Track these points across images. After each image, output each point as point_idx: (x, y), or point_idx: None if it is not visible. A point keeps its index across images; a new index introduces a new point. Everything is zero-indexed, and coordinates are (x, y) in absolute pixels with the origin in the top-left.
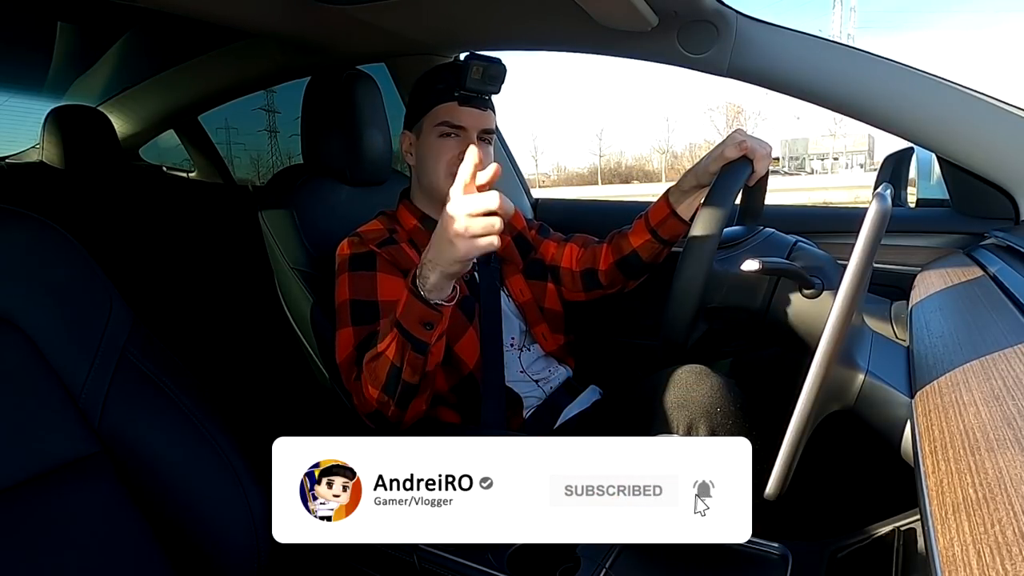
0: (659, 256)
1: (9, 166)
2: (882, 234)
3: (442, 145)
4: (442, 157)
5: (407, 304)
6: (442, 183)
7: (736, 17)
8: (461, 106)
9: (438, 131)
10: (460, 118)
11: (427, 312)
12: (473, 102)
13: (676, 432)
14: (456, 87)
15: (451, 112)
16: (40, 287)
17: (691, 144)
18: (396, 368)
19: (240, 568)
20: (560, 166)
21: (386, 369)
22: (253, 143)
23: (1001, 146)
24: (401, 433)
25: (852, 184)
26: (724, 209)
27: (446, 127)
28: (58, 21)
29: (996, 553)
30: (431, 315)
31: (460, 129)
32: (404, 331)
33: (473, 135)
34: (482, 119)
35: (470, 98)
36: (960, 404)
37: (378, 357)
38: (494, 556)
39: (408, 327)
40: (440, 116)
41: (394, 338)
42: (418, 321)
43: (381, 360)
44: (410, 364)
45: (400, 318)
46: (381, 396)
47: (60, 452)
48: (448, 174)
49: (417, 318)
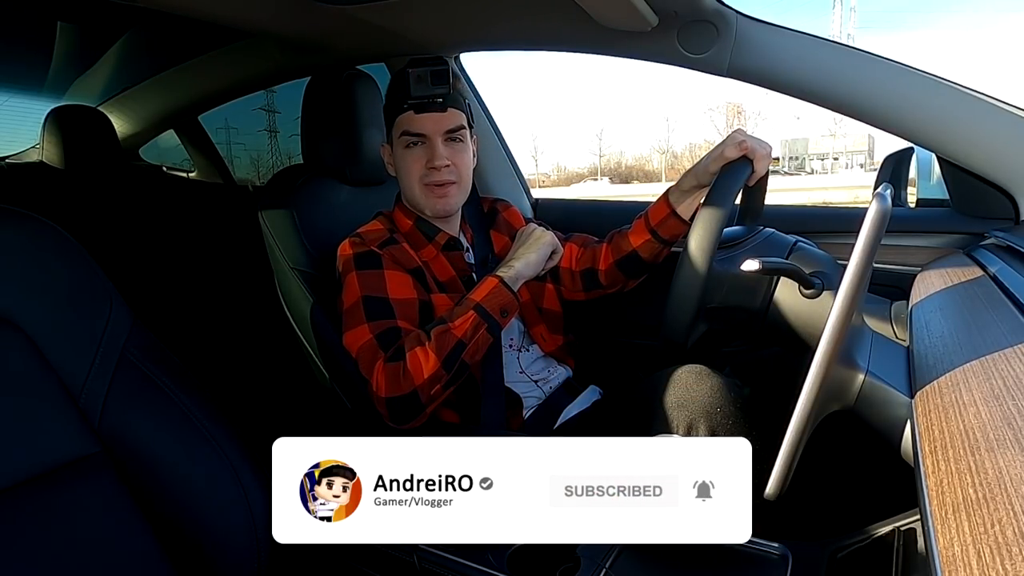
0: (659, 256)
1: (9, 166)
2: (882, 234)
3: (409, 156)
4: (412, 170)
5: (493, 292)
6: (418, 195)
7: (736, 17)
8: (418, 114)
9: (403, 142)
10: (418, 126)
11: (511, 300)
12: (428, 107)
13: (676, 432)
14: (406, 97)
15: (409, 122)
16: (40, 287)
17: (691, 144)
18: (462, 344)
19: (240, 568)
20: (560, 166)
21: (452, 344)
22: (253, 143)
23: (1001, 146)
24: (401, 433)
25: (852, 184)
26: (724, 209)
27: (408, 137)
28: (58, 21)
29: (996, 553)
30: (512, 303)
31: (421, 136)
32: (485, 313)
33: (436, 139)
34: (443, 121)
35: (423, 104)
36: (960, 404)
37: (446, 332)
38: (494, 556)
39: (489, 309)
40: (401, 127)
41: (469, 318)
42: (499, 307)
43: (449, 336)
44: (477, 344)
45: (481, 302)
46: (438, 371)
47: (60, 452)
48: (421, 185)
49: (500, 304)
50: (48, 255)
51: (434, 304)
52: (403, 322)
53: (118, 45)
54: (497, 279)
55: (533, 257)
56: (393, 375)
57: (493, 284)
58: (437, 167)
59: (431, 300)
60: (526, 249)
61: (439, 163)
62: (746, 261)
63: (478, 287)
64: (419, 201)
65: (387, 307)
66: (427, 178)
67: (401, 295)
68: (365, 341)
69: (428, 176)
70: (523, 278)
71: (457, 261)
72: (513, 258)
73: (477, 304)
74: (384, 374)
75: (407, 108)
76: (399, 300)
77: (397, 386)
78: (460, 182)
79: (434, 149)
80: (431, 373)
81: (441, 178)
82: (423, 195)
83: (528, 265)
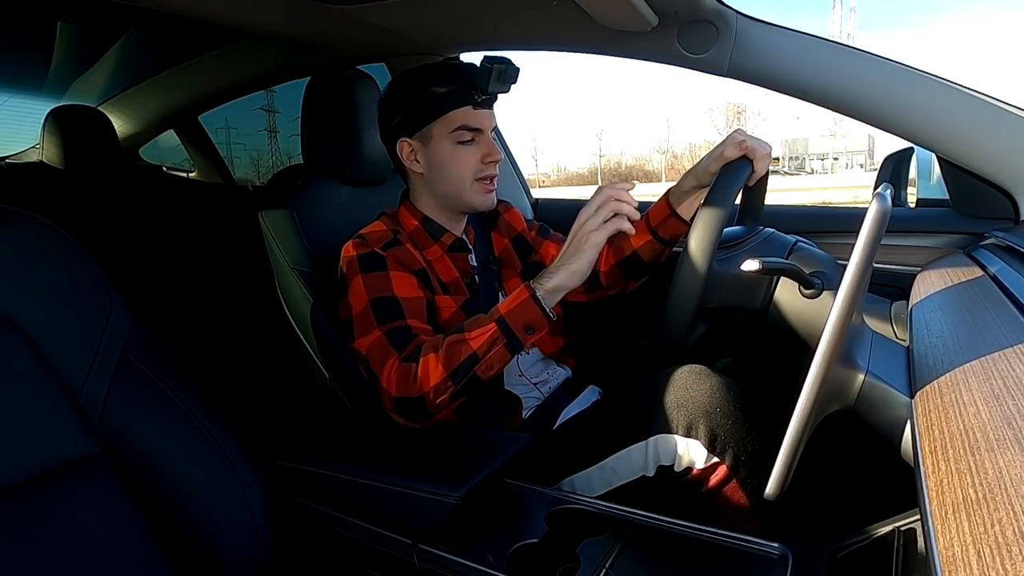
0: (660, 256)
1: (9, 166)
2: (882, 234)
3: (463, 152)
4: (467, 163)
5: (521, 305)
6: (468, 191)
7: (736, 17)
8: (476, 109)
9: (455, 137)
10: (477, 121)
11: (539, 317)
12: (486, 103)
13: (676, 432)
14: (473, 90)
15: (469, 116)
16: (40, 287)
17: (691, 144)
18: (476, 358)
19: (240, 568)
20: (560, 166)
21: (465, 356)
22: (253, 143)
23: (1001, 146)
24: (409, 428)
25: (852, 184)
26: (724, 209)
27: (465, 131)
28: (58, 21)
29: (996, 553)
30: (541, 321)
31: (478, 132)
32: (506, 328)
33: (488, 135)
34: (492, 118)
35: (485, 100)
36: (960, 404)
37: (461, 343)
38: (494, 556)
39: (512, 325)
40: (457, 121)
41: (488, 332)
42: (524, 323)
43: (463, 347)
44: (493, 359)
45: (506, 315)
46: (444, 381)
47: (60, 452)
48: (475, 181)
49: (525, 320)
50: (48, 255)
51: (438, 305)
52: (413, 320)
53: (118, 45)
54: (529, 291)
55: (579, 265)
56: (404, 376)
57: (523, 297)
58: (496, 160)
59: (435, 301)
60: (572, 255)
61: (498, 156)
62: (746, 261)
63: (508, 297)
64: (469, 196)
65: (396, 306)
66: (482, 172)
67: (408, 294)
68: (375, 339)
69: (483, 171)
70: (562, 291)
71: (461, 262)
72: (557, 266)
73: (500, 317)
74: (396, 373)
75: (472, 102)
76: (406, 299)
77: (406, 388)
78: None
79: (490, 144)
80: (438, 382)
81: (494, 172)
82: (476, 190)
83: (572, 275)
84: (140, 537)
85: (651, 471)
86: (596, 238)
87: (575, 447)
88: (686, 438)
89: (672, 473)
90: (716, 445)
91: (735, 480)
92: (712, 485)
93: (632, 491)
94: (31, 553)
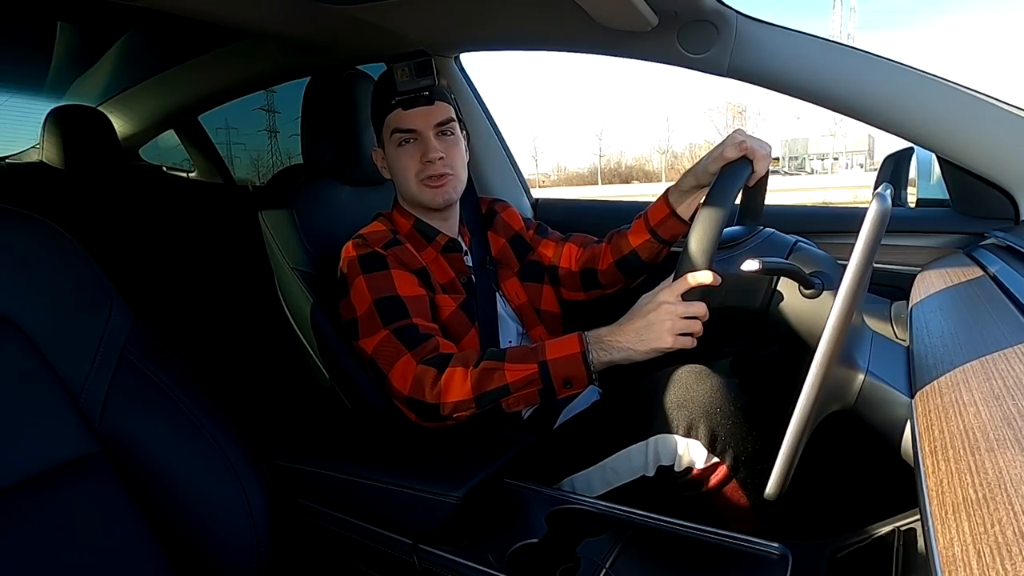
0: (659, 256)
1: (9, 166)
2: (882, 234)
3: (403, 154)
4: (408, 168)
5: (568, 358)
6: (415, 191)
7: (736, 17)
8: (406, 110)
9: (395, 141)
10: (408, 121)
11: (582, 376)
12: (416, 102)
13: (676, 432)
14: (390, 94)
15: (398, 119)
16: (40, 287)
17: (691, 144)
18: (507, 391)
19: (240, 568)
20: (560, 166)
21: (497, 385)
22: (253, 143)
23: (1001, 146)
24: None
25: (852, 184)
26: (724, 209)
27: (399, 134)
28: (58, 21)
29: (996, 553)
30: (583, 380)
31: (412, 132)
32: (546, 375)
33: (428, 133)
34: (433, 114)
35: (411, 99)
36: (960, 404)
37: (497, 371)
38: (494, 556)
39: (553, 374)
40: (391, 125)
41: (527, 371)
42: (564, 377)
43: (498, 375)
44: (521, 399)
45: (550, 362)
46: (469, 401)
47: (60, 452)
48: (419, 182)
49: (567, 374)
50: (48, 255)
51: (438, 304)
52: (418, 319)
53: (118, 45)
54: (580, 347)
55: (636, 355)
56: (421, 379)
57: (573, 350)
58: (432, 160)
59: (435, 300)
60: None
61: (433, 156)
62: (746, 261)
63: (559, 341)
64: (418, 197)
65: (400, 304)
66: (423, 173)
67: (411, 292)
68: (383, 339)
69: (424, 171)
70: (613, 364)
71: (456, 263)
72: (622, 335)
73: (544, 362)
74: (412, 374)
75: (395, 105)
76: (410, 297)
77: (421, 391)
78: (456, 174)
79: (427, 143)
80: (461, 399)
81: (437, 171)
82: (421, 191)
83: (634, 354)
84: (140, 537)
85: (651, 471)
86: (663, 344)
87: (575, 447)
88: (686, 438)
89: (672, 473)
90: (716, 445)
91: (735, 480)
92: (712, 485)
93: (632, 491)
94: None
